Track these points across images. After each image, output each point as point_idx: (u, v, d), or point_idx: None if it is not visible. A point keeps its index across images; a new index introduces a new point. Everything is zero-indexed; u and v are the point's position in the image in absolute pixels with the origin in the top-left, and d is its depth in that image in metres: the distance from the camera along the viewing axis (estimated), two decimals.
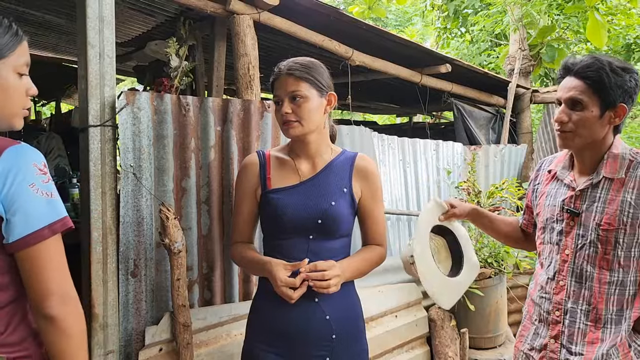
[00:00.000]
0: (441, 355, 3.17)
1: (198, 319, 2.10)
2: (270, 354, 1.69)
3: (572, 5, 5.22)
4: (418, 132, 6.34)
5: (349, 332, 1.73)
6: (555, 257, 1.74)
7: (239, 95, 2.90)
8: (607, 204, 1.60)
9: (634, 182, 1.58)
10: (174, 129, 2.09)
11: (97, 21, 1.94)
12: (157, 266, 2.05)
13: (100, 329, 1.91)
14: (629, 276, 1.60)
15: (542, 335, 1.75)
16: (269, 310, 1.72)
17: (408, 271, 1.93)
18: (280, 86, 1.68)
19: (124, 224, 1.95)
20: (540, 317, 1.78)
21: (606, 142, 1.65)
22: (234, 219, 1.83)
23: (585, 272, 1.64)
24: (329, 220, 1.69)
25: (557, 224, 1.73)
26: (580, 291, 1.66)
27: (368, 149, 3.40)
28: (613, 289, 1.61)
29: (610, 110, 1.58)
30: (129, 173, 1.95)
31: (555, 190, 1.77)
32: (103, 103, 1.94)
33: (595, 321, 1.63)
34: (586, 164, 1.69)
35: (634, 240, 1.58)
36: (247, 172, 1.78)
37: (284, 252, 1.70)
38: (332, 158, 1.78)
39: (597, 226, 1.61)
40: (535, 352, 1.76)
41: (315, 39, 3.44)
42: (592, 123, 1.59)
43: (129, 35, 4.11)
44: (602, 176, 1.63)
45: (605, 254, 1.60)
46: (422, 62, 4.43)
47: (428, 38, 13.33)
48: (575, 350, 1.65)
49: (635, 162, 1.61)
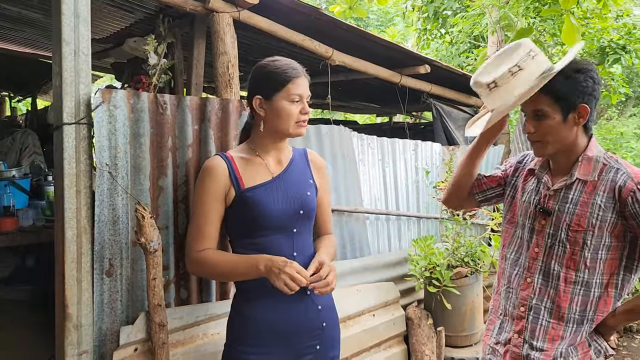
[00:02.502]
0: (418, 354, 3.20)
1: (174, 319, 2.09)
2: (262, 355, 1.69)
3: (548, 9, 5.31)
4: (398, 132, 6.38)
5: (333, 319, 1.85)
6: (524, 254, 1.78)
7: (218, 94, 2.89)
8: (579, 205, 1.64)
9: (605, 186, 1.62)
10: (150, 127, 2.07)
11: (73, 17, 1.92)
12: (133, 265, 2.04)
13: (74, 329, 1.89)
14: (594, 278, 1.63)
15: (507, 329, 1.80)
16: (260, 310, 1.71)
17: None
18: (301, 85, 1.73)
19: (99, 222, 1.93)
20: (505, 312, 1.82)
21: (579, 144, 1.68)
22: (199, 226, 1.73)
23: (553, 271, 1.68)
24: (308, 209, 1.80)
25: (530, 222, 1.77)
26: (546, 289, 1.70)
27: (347, 149, 3.41)
28: (578, 289, 1.65)
29: (572, 112, 1.62)
30: (105, 171, 1.93)
31: (531, 188, 1.81)
32: (78, 100, 1.91)
33: (558, 319, 1.67)
34: (561, 165, 1.73)
35: (601, 243, 1.62)
36: (214, 174, 1.73)
37: (268, 250, 1.69)
38: (291, 154, 1.87)
39: (567, 227, 1.65)
40: (501, 346, 1.81)
41: (296, 38, 3.44)
42: (558, 129, 1.63)
43: (107, 31, 4.05)
44: (575, 178, 1.66)
45: (573, 254, 1.64)
46: (402, 62, 4.46)
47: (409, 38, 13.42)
48: (537, 346, 1.69)
49: (609, 166, 1.64)
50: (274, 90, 1.71)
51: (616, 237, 1.61)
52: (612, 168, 1.63)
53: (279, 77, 1.71)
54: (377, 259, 3.45)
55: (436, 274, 3.22)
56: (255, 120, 1.79)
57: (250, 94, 1.77)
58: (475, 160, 1.95)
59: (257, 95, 1.74)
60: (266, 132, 1.76)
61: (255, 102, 1.74)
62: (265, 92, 1.72)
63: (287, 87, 1.70)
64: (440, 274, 3.20)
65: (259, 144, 1.80)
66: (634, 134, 15.91)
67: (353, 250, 3.39)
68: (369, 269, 3.33)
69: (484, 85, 1.65)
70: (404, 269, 3.52)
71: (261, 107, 1.73)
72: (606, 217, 1.60)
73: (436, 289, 3.21)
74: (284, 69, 1.72)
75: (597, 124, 17.81)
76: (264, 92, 1.72)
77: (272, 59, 1.77)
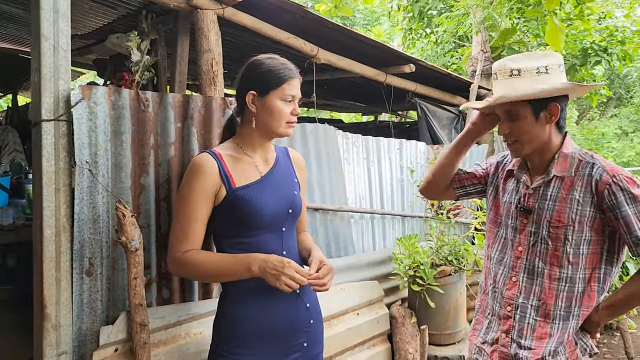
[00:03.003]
0: (402, 352, 3.21)
1: (156, 318, 2.06)
2: (251, 356, 1.68)
3: (532, 10, 5.37)
4: (383, 131, 6.40)
5: (319, 316, 1.87)
6: (509, 253, 1.80)
7: (202, 92, 2.86)
8: (558, 202, 1.67)
9: (582, 181, 1.65)
10: (132, 125, 2.04)
11: (52, 12, 1.88)
12: (114, 264, 2.01)
13: (52, 329, 1.86)
14: (577, 273, 1.66)
15: (494, 329, 1.81)
16: (249, 310, 1.69)
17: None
18: (295, 86, 1.74)
19: (78, 221, 1.90)
20: (492, 311, 1.83)
21: (553, 142, 1.72)
22: (185, 225, 1.66)
23: (537, 269, 1.71)
24: (296, 207, 1.80)
25: (512, 221, 1.79)
26: (532, 287, 1.72)
27: (332, 147, 3.41)
28: (562, 285, 1.67)
29: (543, 111, 1.66)
30: (85, 169, 1.90)
31: (512, 188, 1.84)
32: (57, 97, 1.88)
33: (545, 316, 1.69)
34: (538, 164, 1.76)
35: (582, 238, 1.64)
36: (204, 172, 1.67)
37: (258, 249, 1.68)
38: (276, 153, 1.87)
39: (548, 223, 1.67)
40: (488, 345, 1.82)
41: (281, 36, 3.43)
42: (532, 128, 1.67)
43: (89, 27, 4.00)
44: (552, 175, 1.70)
45: (556, 251, 1.67)
46: (387, 61, 4.47)
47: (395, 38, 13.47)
48: (524, 345, 1.70)
49: (585, 161, 1.68)
50: (269, 88, 1.70)
51: (596, 232, 1.64)
52: (588, 163, 1.66)
53: (276, 75, 1.71)
54: (361, 258, 3.45)
55: (420, 272, 3.23)
56: (247, 117, 1.77)
57: (243, 88, 1.75)
58: (460, 153, 1.96)
59: (251, 90, 1.72)
60: (256, 130, 1.75)
61: (249, 97, 1.72)
62: (260, 89, 1.71)
63: (283, 86, 1.70)
64: (424, 272, 3.21)
65: (247, 141, 1.78)
66: (615, 134, 16.18)
67: (338, 249, 3.38)
68: (353, 268, 3.34)
69: (509, 69, 1.67)
70: (388, 267, 3.53)
71: (253, 103, 1.72)
72: (585, 211, 1.63)
73: (420, 288, 3.22)
74: (281, 68, 1.72)
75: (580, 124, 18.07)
76: (259, 89, 1.71)
77: (269, 57, 1.76)
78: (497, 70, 1.72)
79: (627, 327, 4.36)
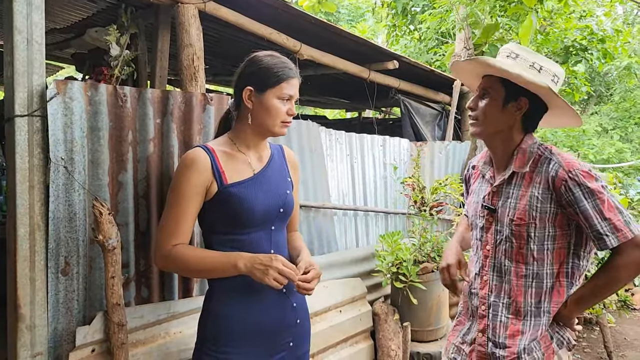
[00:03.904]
0: (384, 349, 3.22)
1: (134, 318, 2.03)
2: (237, 355, 1.66)
3: (514, 7, 5.40)
4: (367, 128, 6.40)
5: (305, 316, 1.86)
6: (479, 253, 1.82)
7: (183, 87, 2.82)
8: (519, 199, 1.68)
9: (540, 177, 1.66)
10: (109, 121, 2.00)
11: (25, 5, 1.83)
12: (91, 263, 1.97)
13: (27, 330, 1.82)
14: (544, 269, 1.67)
15: (473, 329, 1.82)
16: (236, 309, 1.67)
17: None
18: (294, 86, 1.73)
19: (54, 219, 1.86)
20: (472, 312, 1.85)
21: (515, 138, 1.74)
22: (175, 219, 1.63)
23: (504, 267, 1.72)
24: (288, 207, 1.79)
25: (479, 221, 1.82)
26: (501, 285, 1.73)
27: (315, 144, 3.39)
28: (530, 281, 1.68)
29: (512, 102, 1.69)
30: (60, 166, 1.86)
31: (479, 188, 1.86)
32: (31, 92, 1.83)
33: (516, 314, 1.70)
34: (499, 158, 1.78)
35: (545, 234, 1.65)
36: (197, 167, 1.64)
37: (247, 247, 1.66)
38: (270, 151, 1.84)
39: (511, 221, 1.68)
40: (466, 345, 1.83)
41: (263, 32, 3.40)
42: (495, 111, 1.70)
43: (68, 21, 3.92)
44: (512, 171, 1.71)
45: (520, 248, 1.68)
46: (370, 57, 4.46)
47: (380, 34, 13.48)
48: (499, 343, 1.72)
49: (543, 157, 1.68)
50: (267, 85, 1.68)
51: (560, 227, 1.64)
52: (546, 159, 1.67)
53: (275, 73, 1.69)
54: (344, 255, 3.44)
55: (403, 269, 3.23)
56: (243, 113, 1.74)
57: (241, 84, 1.72)
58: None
59: (248, 86, 1.69)
60: (250, 127, 1.73)
61: (246, 93, 1.69)
62: (258, 85, 1.68)
63: (281, 85, 1.69)
64: (407, 269, 3.21)
65: (241, 138, 1.76)
66: (595, 131, 16.41)
67: (320, 246, 3.37)
68: (336, 265, 3.32)
69: (509, 51, 1.73)
70: (371, 264, 3.53)
71: (250, 99, 1.69)
72: (545, 208, 1.63)
73: (403, 285, 3.22)
74: (281, 67, 1.70)
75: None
76: (257, 85, 1.69)
77: (270, 54, 1.74)
78: (502, 49, 1.77)
79: (607, 321, 4.42)
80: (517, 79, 1.63)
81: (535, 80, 1.63)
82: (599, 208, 1.56)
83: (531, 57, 1.70)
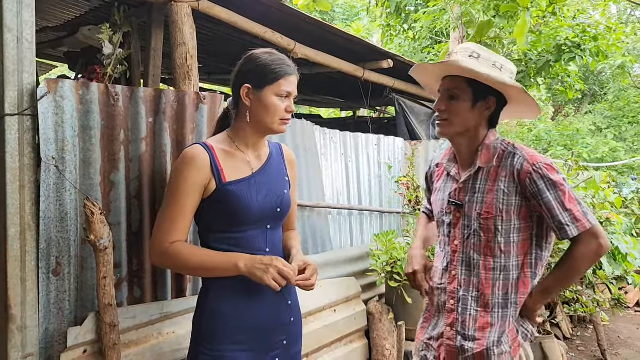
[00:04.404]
0: (379, 348, 3.21)
1: (127, 318, 2.01)
2: (233, 352, 1.65)
3: (507, 5, 5.41)
4: (362, 127, 6.39)
5: (299, 315, 1.85)
6: (447, 249, 1.86)
7: (177, 86, 2.81)
8: (486, 193, 1.74)
9: (506, 172, 1.72)
10: (101, 120, 1.98)
11: (15, 3, 1.81)
12: (82, 264, 1.95)
13: (17, 331, 1.80)
14: (511, 261, 1.73)
15: (440, 324, 1.86)
16: (233, 307, 1.66)
17: None
18: (292, 83, 1.72)
19: (45, 219, 1.84)
20: (438, 308, 1.88)
21: (480, 134, 1.80)
22: (173, 216, 1.62)
23: (473, 260, 1.77)
24: (285, 207, 1.78)
25: (446, 217, 1.86)
26: (470, 279, 1.78)
27: (310, 142, 3.39)
28: (498, 274, 1.74)
29: (481, 101, 1.75)
30: (51, 165, 1.84)
31: (444, 185, 1.91)
32: (22, 90, 1.81)
33: (484, 306, 1.75)
34: (464, 155, 1.84)
35: (511, 226, 1.71)
36: (196, 164, 1.63)
37: (243, 245, 1.66)
38: (269, 149, 1.84)
39: (479, 215, 1.74)
40: (434, 341, 1.88)
41: (257, 30, 3.39)
42: (465, 112, 1.75)
43: (61, 19, 3.90)
44: (478, 166, 1.77)
45: (488, 242, 1.74)
46: (365, 56, 4.45)
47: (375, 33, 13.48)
48: (468, 336, 1.76)
49: (507, 152, 1.75)
50: (265, 82, 1.67)
51: (524, 219, 1.71)
52: (510, 153, 1.74)
53: (273, 70, 1.67)
54: (338, 254, 3.44)
55: (397, 268, 3.23)
56: (241, 110, 1.73)
57: (239, 81, 1.71)
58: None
59: (246, 83, 1.68)
60: (249, 125, 1.72)
61: (243, 90, 1.68)
62: (256, 83, 1.67)
63: (280, 82, 1.67)
64: (402, 268, 3.21)
65: (240, 136, 1.74)
66: (589, 130, 16.48)
67: (315, 245, 3.36)
68: (331, 265, 3.32)
69: (471, 51, 1.77)
70: (365, 264, 3.52)
71: (248, 97, 1.68)
72: (511, 200, 1.70)
73: (397, 284, 3.22)
74: (279, 64, 1.69)
75: (555, 120, 18.37)
76: (255, 82, 1.67)
77: (268, 51, 1.73)
78: (459, 49, 1.80)
79: (600, 320, 4.44)
80: (496, 81, 1.69)
81: (508, 81, 1.71)
82: (561, 199, 1.64)
83: (492, 57, 1.76)
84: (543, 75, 6.92)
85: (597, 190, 4.34)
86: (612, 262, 4.10)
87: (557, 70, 6.94)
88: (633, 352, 4.62)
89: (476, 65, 1.70)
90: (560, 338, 4.71)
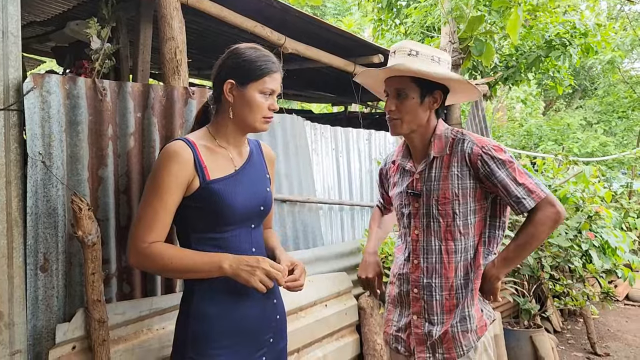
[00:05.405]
0: (370, 343, 3.22)
1: (116, 314, 2.00)
2: (223, 355, 1.62)
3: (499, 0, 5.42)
4: (353, 122, 6.38)
5: (283, 309, 1.85)
6: (408, 240, 1.92)
7: (166, 81, 2.78)
8: (441, 180, 1.81)
9: (457, 157, 1.79)
10: (89, 115, 1.97)
11: None
12: (70, 260, 1.94)
13: (5, 328, 1.78)
14: (469, 242, 1.81)
15: (405, 314, 1.91)
16: (220, 308, 1.63)
17: None
18: (276, 80, 1.69)
19: (32, 215, 1.82)
20: (401, 299, 1.93)
21: (430, 126, 1.87)
22: (154, 214, 1.54)
23: (434, 247, 1.83)
24: (268, 205, 1.77)
25: (406, 209, 1.92)
26: (433, 265, 1.83)
27: (300, 138, 3.38)
28: (459, 256, 1.81)
29: (428, 96, 1.82)
30: (38, 161, 1.82)
31: (401, 179, 1.97)
32: (7, 85, 1.79)
33: (449, 290, 1.81)
34: (418, 148, 1.90)
35: (468, 209, 1.79)
36: (179, 161, 1.56)
37: (227, 246, 1.62)
38: (249, 146, 1.82)
39: (436, 202, 1.81)
40: (402, 331, 1.92)
41: (247, 25, 3.36)
42: (415, 109, 1.82)
43: (48, 13, 3.84)
44: (432, 156, 1.83)
45: (448, 226, 1.80)
46: (356, 51, 4.44)
47: (366, 28, 13.46)
48: (435, 320, 1.82)
49: (457, 139, 1.82)
50: (249, 79, 1.63)
51: (478, 201, 1.81)
52: (460, 140, 1.81)
53: (257, 66, 1.64)
54: (330, 250, 3.44)
55: (388, 263, 3.23)
56: (223, 106, 1.69)
57: (221, 76, 1.67)
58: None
59: (229, 79, 1.64)
60: (231, 121, 1.67)
61: (227, 86, 1.64)
62: (240, 79, 1.63)
63: (264, 79, 1.64)
64: (392, 263, 3.21)
65: (221, 132, 1.70)
66: (580, 125, 16.59)
67: (306, 240, 3.36)
68: (322, 260, 3.32)
69: (408, 49, 1.83)
70: (356, 258, 3.53)
71: (231, 93, 1.64)
72: (465, 184, 1.78)
73: (388, 278, 3.22)
74: (264, 60, 1.66)
75: (546, 115, 18.47)
76: (238, 78, 1.64)
77: (252, 47, 1.70)
78: (397, 48, 1.86)
79: (590, 313, 4.48)
80: (437, 77, 1.76)
81: (449, 74, 1.79)
82: (513, 176, 1.73)
83: (428, 51, 1.82)
84: (533, 71, 6.94)
85: (587, 184, 4.38)
86: (602, 255, 4.14)
87: (547, 65, 6.97)
88: (622, 345, 4.67)
89: (419, 63, 1.77)
90: (551, 331, 4.76)
